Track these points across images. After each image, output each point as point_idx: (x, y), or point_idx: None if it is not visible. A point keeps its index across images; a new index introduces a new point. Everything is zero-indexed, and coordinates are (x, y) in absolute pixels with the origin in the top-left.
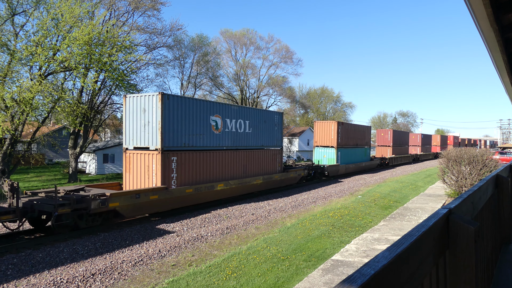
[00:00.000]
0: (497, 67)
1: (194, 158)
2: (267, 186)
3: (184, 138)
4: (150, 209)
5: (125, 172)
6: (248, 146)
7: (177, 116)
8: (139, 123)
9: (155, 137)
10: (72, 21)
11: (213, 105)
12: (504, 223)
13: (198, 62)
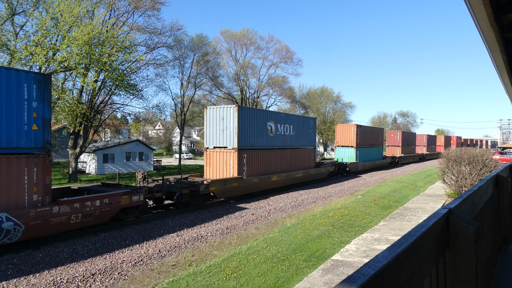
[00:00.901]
0: (497, 67)
1: (257, 155)
2: (305, 179)
3: (251, 140)
4: (231, 193)
5: (205, 165)
6: (292, 146)
7: (246, 122)
8: (218, 128)
9: (232, 139)
10: (72, 20)
11: (269, 113)
12: (504, 223)
13: (198, 62)
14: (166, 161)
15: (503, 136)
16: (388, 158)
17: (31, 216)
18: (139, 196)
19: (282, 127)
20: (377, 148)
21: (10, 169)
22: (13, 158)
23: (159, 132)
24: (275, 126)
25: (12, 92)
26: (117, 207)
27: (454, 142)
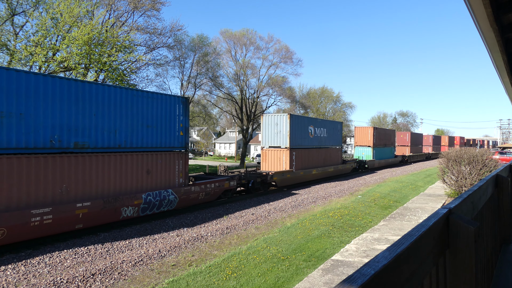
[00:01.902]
0: (497, 67)
1: (302, 153)
2: (335, 173)
3: (298, 141)
4: (286, 182)
5: (262, 161)
6: (325, 146)
7: (295, 127)
8: (273, 132)
9: (285, 140)
10: (72, 21)
11: (310, 119)
12: (504, 223)
13: (198, 62)
14: None
15: (503, 136)
16: (399, 157)
17: (181, 192)
18: (234, 182)
19: (319, 130)
20: (390, 147)
21: (168, 161)
22: (170, 154)
23: None
24: (314, 129)
25: (170, 110)
26: (222, 189)
27: (458, 142)
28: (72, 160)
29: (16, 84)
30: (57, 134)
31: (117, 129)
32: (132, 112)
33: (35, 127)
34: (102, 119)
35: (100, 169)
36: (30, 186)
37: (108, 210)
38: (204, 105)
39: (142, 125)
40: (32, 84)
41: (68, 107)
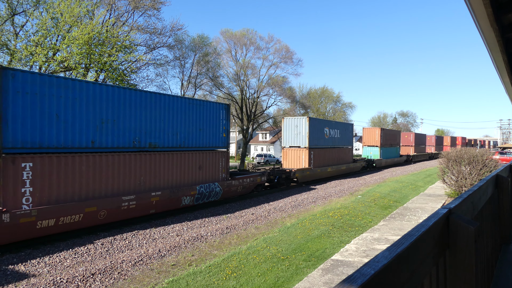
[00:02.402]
0: (497, 67)
1: (319, 152)
2: (346, 171)
3: (315, 141)
4: (305, 179)
5: (283, 159)
6: (339, 146)
7: (312, 129)
8: (293, 133)
9: (304, 140)
10: (72, 20)
11: (325, 122)
12: (504, 223)
13: (199, 62)
14: None
15: (503, 136)
16: (404, 156)
17: (225, 185)
18: (265, 177)
19: (333, 131)
20: (396, 147)
21: (214, 159)
22: (216, 152)
23: None
24: (329, 130)
25: (216, 116)
26: (255, 183)
27: (460, 142)
28: (147, 157)
29: (112, 96)
30: (137, 136)
31: (178, 131)
32: (188, 117)
33: (123, 131)
34: (168, 123)
35: (166, 165)
36: (119, 178)
37: (173, 199)
38: None
39: (196, 128)
40: (121, 96)
41: (144, 114)
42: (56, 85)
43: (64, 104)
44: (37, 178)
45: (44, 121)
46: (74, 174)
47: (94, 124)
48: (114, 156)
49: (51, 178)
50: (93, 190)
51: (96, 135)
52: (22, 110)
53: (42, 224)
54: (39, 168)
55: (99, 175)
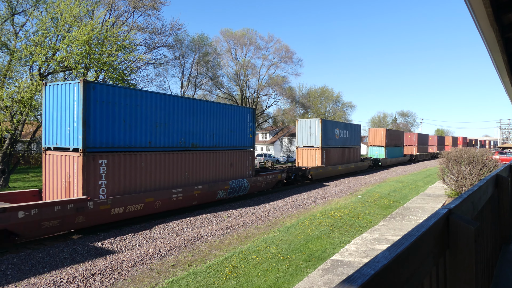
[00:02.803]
0: (497, 67)
1: (330, 151)
2: (355, 169)
3: (327, 141)
4: (319, 176)
5: (297, 158)
6: (348, 145)
7: (325, 130)
8: (306, 134)
9: (317, 140)
10: (72, 20)
11: (336, 123)
12: (504, 223)
13: (199, 62)
14: None
15: (503, 136)
16: (408, 156)
17: (252, 181)
18: (284, 174)
19: (342, 132)
20: (400, 147)
21: (242, 157)
22: (244, 151)
23: None
24: (339, 131)
25: (244, 118)
26: (276, 180)
27: (461, 142)
28: (190, 156)
29: (164, 103)
30: (183, 137)
31: (214, 133)
32: (222, 120)
33: (172, 133)
34: (206, 126)
35: (205, 162)
36: (169, 173)
37: (210, 192)
38: None
39: (228, 130)
40: (170, 103)
41: (187, 118)
42: (123, 94)
43: (129, 110)
44: (109, 172)
45: (115, 125)
46: (136, 170)
47: (150, 127)
48: (166, 154)
49: (119, 173)
50: (150, 183)
51: (152, 137)
52: (99, 116)
53: (115, 211)
54: (111, 164)
55: (154, 170)
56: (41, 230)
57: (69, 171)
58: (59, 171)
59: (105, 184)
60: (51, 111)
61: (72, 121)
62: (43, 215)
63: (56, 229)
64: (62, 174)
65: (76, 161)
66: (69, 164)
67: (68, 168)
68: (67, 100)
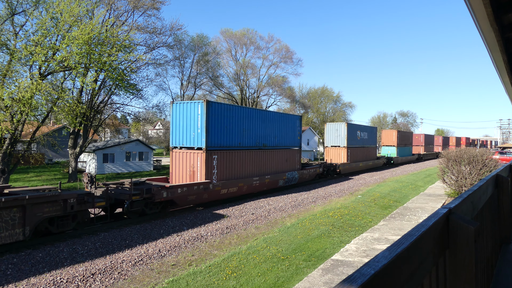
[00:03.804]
0: (497, 67)
1: (354, 150)
2: (372, 166)
3: (351, 142)
4: (346, 171)
5: (326, 156)
6: (367, 145)
7: (349, 132)
8: (334, 135)
9: (343, 141)
10: (72, 20)
11: (358, 126)
12: (504, 223)
13: (198, 62)
14: (166, 161)
15: (503, 136)
16: (416, 155)
17: (300, 173)
18: (321, 169)
19: (362, 133)
20: (409, 147)
21: (293, 154)
22: (293, 150)
23: (159, 132)
24: (360, 133)
25: (294, 124)
26: (316, 173)
27: (464, 142)
28: (262, 153)
29: (246, 113)
30: (258, 139)
31: (275, 135)
32: (280, 125)
33: (252, 136)
34: (270, 130)
35: (270, 158)
36: (250, 165)
37: (275, 181)
38: None
39: (283, 133)
40: (250, 113)
41: (260, 124)
42: (225, 108)
43: (228, 120)
44: (218, 164)
45: (221, 130)
46: (231, 162)
47: (239, 132)
48: (248, 151)
49: (224, 165)
50: (239, 173)
51: (241, 139)
52: (213, 125)
53: (222, 192)
54: (219, 159)
55: (242, 163)
56: (187, 202)
57: (193, 163)
58: (184, 163)
59: (216, 173)
60: (178, 121)
61: (196, 128)
62: (189, 192)
63: (193, 201)
64: (187, 165)
65: (200, 156)
66: (193, 158)
67: (192, 161)
68: (193, 113)
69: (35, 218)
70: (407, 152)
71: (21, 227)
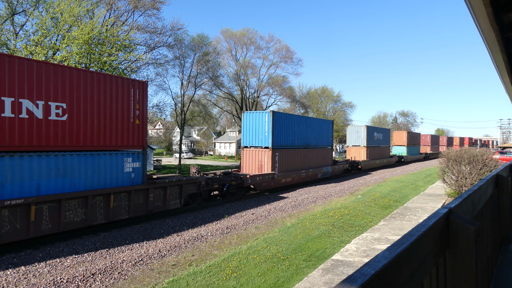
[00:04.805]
0: (497, 67)
1: (371, 149)
2: (387, 164)
3: (369, 142)
4: (366, 167)
5: (348, 154)
6: (382, 145)
7: (368, 133)
8: (354, 136)
9: (363, 141)
10: (72, 20)
11: (375, 128)
12: (504, 222)
13: (199, 62)
14: (166, 160)
15: (503, 136)
16: (423, 154)
17: (332, 168)
18: (348, 165)
19: (378, 134)
20: (417, 146)
21: (327, 152)
22: (327, 149)
23: (159, 131)
24: (376, 134)
25: (327, 127)
26: (344, 168)
27: (467, 142)
28: (306, 151)
29: (296, 120)
30: (304, 140)
31: (314, 137)
32: (317, 128)
33: (300, 137)
34: (311, 132)
35: (311, 155)
36: (299, 161)
37: (315, 174)
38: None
39: (320, 135)
40: (299, 119)
41: (305, 128)
42: (283, 116)
43: (285, 126)
44: (279, 159)
45: (280, 133)
46: (287, 158)
47: (292, 135)
48: (298, 150)
49: (282, 160)
50: (292, 166)
51: (292, 140)
52: (276, 129)
53: (282, 181)
54: (280, 155)
55: (293, 159)
56: (261, 187)
57: (261, 159)
58: (253, 158)
59: (277, 166)
60: (248, 126)
61: (264, 132)
62: (263, 180)
63: (264, 187)
64: (256, 160)
65: (267, 153)
66: (261, 155)
67: (260, 157)
68: (261, 120)
69: (185, 193)
70: (415, 151)
71: (179, 199)
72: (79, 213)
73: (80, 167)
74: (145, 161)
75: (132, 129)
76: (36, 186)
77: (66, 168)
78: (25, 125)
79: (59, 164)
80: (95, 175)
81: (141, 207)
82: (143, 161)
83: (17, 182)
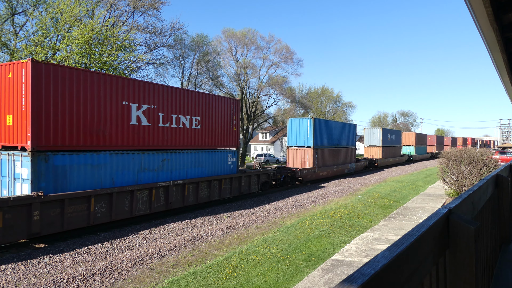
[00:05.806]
0: (497, 67)
1: (386, 149)
2: (398, 162)
3: (384, 142)
4: (382, 165)
5: (365, 153)
6: (394, 145)
7: (383, 134)
8: (371, 137)
9: (379, 141)
10: (72, 20)
11: (388, 130)
12: (504, 223)
13: (199, 62)
14: None
15: (503, 136)
16: (429, 153)
17: (356, 165)
18: (367, 163)
19: (391, 135)
20: (424, 146)
21: (351, 151)
22: (351, 148)
23: None
24: (389, 135)
25: (352, 129)
26: (364, 165)
27: (470, 142)
28: (337, 150)
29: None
30: (334, 141)
31: (341, 138)
32: (344, 131)
33: (331, 139)
34: (339, 134)
35: (340, 153)
36: (331, 158)
37: (343, 169)
38: None
39: (346, 136)
40: (331, 124)
41: (335, 131)
42: (319, 121)
43: (321, 129)
44: (318, 157)
45: (318, 135)
46: (323, 156)
47: (326, 136)
48: (330, 149)
49: (320, 157)
50: (326, 162)
51: (327, 141)
52: (316, 132)
53: (320, 174)
54: (318, 153)
55: (327, 156)
56: (306, 179)
57: (303, 156)
58: (297, 156)
59: (316, 162)
60: (293, 130)
61: (306, 134)
62: (308, 173)
63: (308, 179)
64: (299, 157)
65: (308, 152)
66: (304, 153)
67: (303, 155)
68: (304, 125)
69: (260, 181)
70: (423, 151)
71: (257, 185)
72: (206, 192)
73: (206, 160)
74: (238, 157)
75: (231, 134)
76: (185, 172)
77: (199, 161)
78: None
79: (196, 158)
80: (212, 166)
81: (237, 189)
82: (237, 156)
83: (177, 169)
